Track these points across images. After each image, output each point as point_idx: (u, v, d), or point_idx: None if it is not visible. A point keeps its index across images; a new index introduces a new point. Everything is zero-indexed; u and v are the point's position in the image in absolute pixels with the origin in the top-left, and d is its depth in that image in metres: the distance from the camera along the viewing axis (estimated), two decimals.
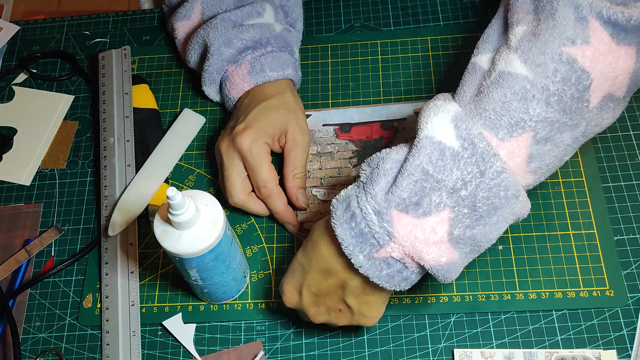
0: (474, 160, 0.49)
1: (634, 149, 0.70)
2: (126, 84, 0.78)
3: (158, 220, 0.55)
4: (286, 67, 0.72)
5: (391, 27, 0.82)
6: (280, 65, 0.71)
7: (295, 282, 0.57)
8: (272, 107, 0.68)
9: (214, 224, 0.55)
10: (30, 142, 0.78)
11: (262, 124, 0.66)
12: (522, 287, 0.63)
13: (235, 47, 0.71)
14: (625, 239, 0.65)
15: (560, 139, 0.52)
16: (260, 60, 0.71)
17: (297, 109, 0.70)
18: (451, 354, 0.61)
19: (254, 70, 0.71)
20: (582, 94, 0.51)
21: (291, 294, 0.57)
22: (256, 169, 0.65)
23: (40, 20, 0.89)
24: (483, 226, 0.51)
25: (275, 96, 0.69)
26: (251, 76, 0.70)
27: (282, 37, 0.74)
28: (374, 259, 0.50)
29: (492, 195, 0.50)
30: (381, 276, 0.51)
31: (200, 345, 0.64)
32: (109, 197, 0.71)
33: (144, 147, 0.75)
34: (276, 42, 0.73)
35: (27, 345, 0.66)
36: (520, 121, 0.50)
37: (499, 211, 0.51)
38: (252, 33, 0.71)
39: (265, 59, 0.71)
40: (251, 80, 0.70)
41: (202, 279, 0.59)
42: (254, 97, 0.70)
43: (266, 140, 0.66)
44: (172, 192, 0.50)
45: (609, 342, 0.60)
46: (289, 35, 0.75)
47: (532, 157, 0.52)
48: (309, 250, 0.55)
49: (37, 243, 0.71)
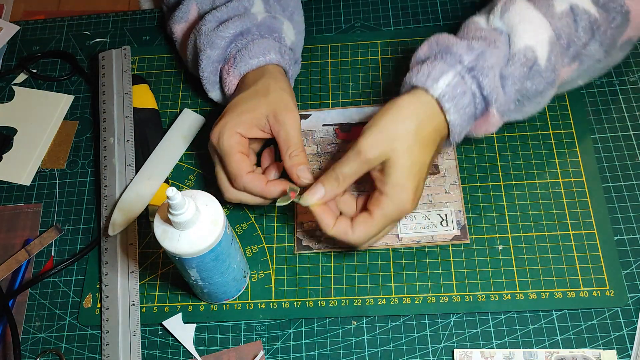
0: (545, 82, 0.61)
1: (634, 149, 0.70)
2: (126, 84, 0.78)
3: (158, 220, 0.55)
4: (268, 52, 0.68)
5: (391, 27, 0.82)
6: (261, 51, 0.68)
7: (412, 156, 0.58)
8: (245, 96, 0.66)
9: (214, 224, 0.55)
10: (30, 142, 0.78)
11: (232, 115, 0.64)
12: (522, 287, 0.63)
13: (219, 46, 0.70)
14: (625, 239, 0.65)
15: (593, 70, 0.66)
16: (241, 52, 0.69)
17: (277, 90, 0.65)
18: (451, 354, 0.61)
19: (236, 62, 0.69)
20: (618, 35, 0.64)
21: (415, 195, 0.59)
22: (225, 161, 0.63)
23: (40, 20, 0.89)
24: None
25: (251, 85, 0.67)
26: (234, 69, 0.69)
27: (265, 24, 0.71)
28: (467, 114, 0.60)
29: (545, 99, 0.63)
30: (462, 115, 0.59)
31: (200, 345, 0.64)
32: (109, 197, 0.71)
33: (144, 147, 0.75)
34: (258, 30, 0.71)
35: (27, 345, 0.66)
36: (578, 55, 0.62)
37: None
38: (232, 28, 0.70)
39: (246, 48, 0.69)
40: (235, 73, 0.69)
41: (202, 279, 0.59)
42: (240, 89, 0.68)
43: (237, 129, 0.63)
44: (172, 192, 0.50)
45: (609, 342, 0.60)
46: (273, 21, 0.72)
47: (566, 82, 0.65)
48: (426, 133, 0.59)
49: (37, 243, 0.71)
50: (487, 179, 0.69)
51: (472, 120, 0.61)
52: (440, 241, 0.66)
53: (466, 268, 0.65)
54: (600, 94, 0.73)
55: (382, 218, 0.59)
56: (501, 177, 0.69)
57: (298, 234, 0.69)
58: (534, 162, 0.70)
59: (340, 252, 0.67)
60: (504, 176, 0.69)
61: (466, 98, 0.59)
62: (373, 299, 0.64)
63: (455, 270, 0.65)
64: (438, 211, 0.68)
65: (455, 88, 0.58)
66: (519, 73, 0.60)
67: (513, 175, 0.69)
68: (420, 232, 0.67)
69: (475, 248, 0.66)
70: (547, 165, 0.69)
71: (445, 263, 0.65)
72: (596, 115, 0.72)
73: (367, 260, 0.66)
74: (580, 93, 0.73)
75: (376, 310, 0.64)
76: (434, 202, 0.68)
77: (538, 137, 0.71)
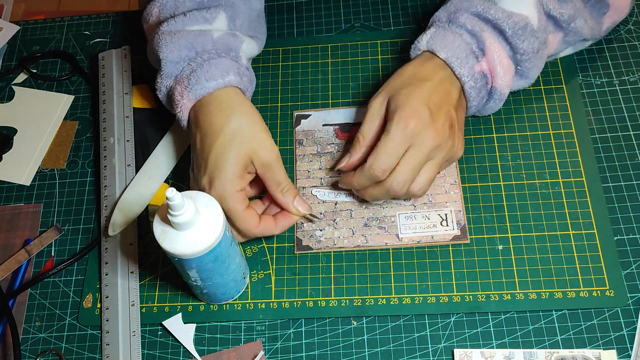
0: (538, 41, 0.65)
1: (634, 149, 0.70)
2: (126, 84, 0.78)
3: (157, 221, 0.55)
4: (227, 74, 0.64)
5: (391, 27, 0.82)
6: (219, 72, 0.64)
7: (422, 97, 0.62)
8: (225, 145, 0.61)
9: (213, 226, 0.55)
10: (30, 142, 0.78)
11: (225, 173, 0.60)
12: (522, 287, 0.63)
13: (171, 61, 0.65)
14: (625, 239, 0.65)
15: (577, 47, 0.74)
16: (196, 72, 0.64)
17: (253, 127, 0.62)
18: (451, 354, 0.61)
19: (191, 84, 0.63)
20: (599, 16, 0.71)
21: (422, 109, 0.61)
22: (232, 218, 0.61)
23: (40, 20, 0.89)
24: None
25: (224, 126, 0.61)
26: (189, 91, 0.63)
27: (222, 41, 0.66)
28: (474, 71, 0.64)
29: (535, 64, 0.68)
30: (476, 87, 0.65)
31: (200, 345, 0.64)
32: (109, 197, 0.71)
33: (144, 147, 0.75)
34: (214, 47, 0.66)
35: (27, 345, 0.66)
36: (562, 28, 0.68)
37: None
38: (184, 40, 0.65)
39: (202, 68, 0.64)
40: (190, 96, 0.64)
41: (201, 280, 0.59)
42: (204, 132, 0.62)
43: (236, 188, 0.61)
44: (172, 192, 0.50)
45: (609, 342, 0.60)
46: (232, 39, 0.67)
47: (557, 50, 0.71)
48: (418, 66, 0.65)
49: (37, 243, 0.71)
50: (487, 179, 0.69)
51: (470, 56, 0.65)
52: (440, 241, 0.66)
53: (466, 268, 0.65)
54: (600, 94, 0.73)
55: (395, 134, 0.61)
56: (501, 177, 0.69)
57: (298, 234, 0.69)
58: (534, 162, 0.70)
59: (340, 252, 0.67)
60: (504, 176, 0.69)
61: (456, 40, 0.65)
62: (373, 299, 0.64)
63: (455, 270, 0.65)
64: (438, 211, 0.68)
65: (440, 35, 0.66)
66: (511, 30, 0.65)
67: (513, 175, 0.69)
68: (420, 232, 0.67)
69: (475, 248, 0.66)
70: (547, 165, 0.69)
71: (445, 263, 0.65)
72: (596, 115, 0.72)
73: (367, 260, 0.66)
74: (581, 93, 0.73)
75: (376, 310, 0.64)
76: (434, 202, 0.68)
77: (538, 137, 0.71)
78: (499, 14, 0.64)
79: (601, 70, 0.75)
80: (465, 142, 0.71)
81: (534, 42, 0.65)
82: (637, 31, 0.77)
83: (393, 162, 0.61)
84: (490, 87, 0.67)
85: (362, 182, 0.63)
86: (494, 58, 0.65)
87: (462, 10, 0.66)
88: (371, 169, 0.61)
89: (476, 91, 0.65)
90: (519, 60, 0.66)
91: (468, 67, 0.64)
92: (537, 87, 0.74)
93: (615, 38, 0.77)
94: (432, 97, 0.62)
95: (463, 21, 0.65)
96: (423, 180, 0.62)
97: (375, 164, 0.61)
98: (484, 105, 0.69)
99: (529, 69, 0.67)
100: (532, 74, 0.68)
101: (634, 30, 0.77)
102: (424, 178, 0.62)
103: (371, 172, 0.61)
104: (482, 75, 0.65)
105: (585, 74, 0.75)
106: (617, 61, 0.75)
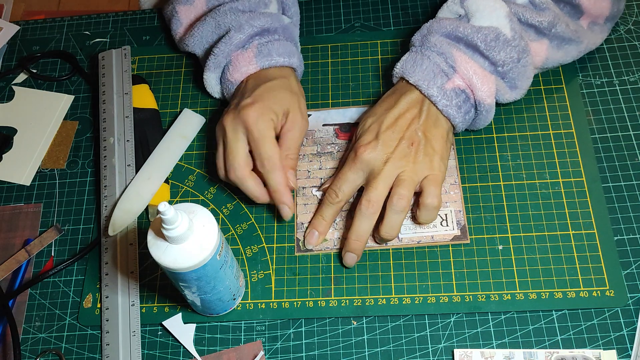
0: (516, 50, 0.66)
1: (634, 149, 0.70)
2: (126, 84, 0.78)
3: (153, 226, 0.54)
4: (292, 56, 0.73)
5: (391, 27, 0.82)
6: (287, 52, 0.72)
7: (374, 116, 0.67)
8: (277, 87, 0.69)
9: (201, 248, 0.53)
10: (30, 142, 0.78)
11: (268, 102, 0.67)
12: (522, 287, 0.63)
13: (246, 32, 0.71)
14: (625, 239, 0.65)
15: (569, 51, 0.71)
16: (267, 46, 0.72)
17: (300, 94, 0.71)
18: (451, 354, 0.61)
19: (261, 53, 0.71)
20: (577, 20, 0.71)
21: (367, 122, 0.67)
22: (261, 142, 0.65)
23: (40, 20, 0.89)
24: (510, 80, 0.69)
25: (280, 78, 0.70)
26: (258, 59, 0.71)
27: (289, 29, 0.75)
28: (445, 89, 0.65)
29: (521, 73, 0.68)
30: (452, 105, 0.65)
31: (200, 345, 0.64)
32: (109, 197, 0.71)
33: (144, 147, 0.75)
34: (283, 32, 0.74)
35: (27, 345, 0.66)
36: (544, 34, 0.68)
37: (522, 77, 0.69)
38: (262, 21, 0.72)
39: (273, 45, 0.72)
40: (257, 63, 0.71)
41: (183, 289, 0.58)
42: (259, 79, 0.70)
43: (271, 116, 0.67)
44: (164, 207, 0.50)
45: (609, 342, 0.60)
46: (294, 29, 0.76)
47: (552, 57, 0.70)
48: (389, 96, 0.69)
49: (37, 243, 0.71)
50: (487, 179, 0.69)
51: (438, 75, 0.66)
52: (440, 241, 0.66)
53: (466, 268, 0.65)
54: (600, 94, 0.73)
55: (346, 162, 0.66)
56: (501, 177, 0.69)
57: (298, 234, 0.69)
58: (534, 162, 0.70)
59: (340, 252, 0.67)
60: (504, 176, 0.69)
61: (424, 62, 0.67)
62: (373, 299, 0.64)
63: (455, 270, 0.65)
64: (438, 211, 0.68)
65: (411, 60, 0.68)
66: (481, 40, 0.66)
67: (513, 175, 0.69)
68: (420, 232, 0.67)
69: (475, 248, 0.66)
70: (547, 165, 0.69)
71: (445, 263, 0.65)
72: (596, 115, 0.72)
73: (367, 260, 0.66)
74: (581, 93, 0.73)
75: (376, 310, 0.64)
76: None
77: (538, 137, 0.71)
78: (468, 30, 0.66)
79: (601, 70, 0.75)
80: (465, 142, 0.72)
81: (511, 51, 0.66)
82: (637, 31, 0.77)
83: (347, 187, 0.65)
84: (474, 101, 0.67)
85: (328, 211, 0.67)
86: (467, 71, 0.65)
87: (434, 32, 0.68)
88: (328, 191, 0.67)
89: (454, 108, 0.66)
90: (503, 72, 0.67)
91: (436, 87, 0.65)
92: (537, 87, 0.74)
93: (615, 38, 0.77)
94: (391, 123, 0.65)
95: (434, 42, 0.67)
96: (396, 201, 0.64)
97: (331, 187, 0.66)
98: (474, 120, 0.69)
99: (515, 78, 0.68)
100: (521, 83, 0.68)
101: (634, 30, 0.77)
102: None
103: (327, 194, 0.67)
104: (459, 91, 0.66)
105: (585, 74, 0.75)
106: (617, 61, 0.75)
